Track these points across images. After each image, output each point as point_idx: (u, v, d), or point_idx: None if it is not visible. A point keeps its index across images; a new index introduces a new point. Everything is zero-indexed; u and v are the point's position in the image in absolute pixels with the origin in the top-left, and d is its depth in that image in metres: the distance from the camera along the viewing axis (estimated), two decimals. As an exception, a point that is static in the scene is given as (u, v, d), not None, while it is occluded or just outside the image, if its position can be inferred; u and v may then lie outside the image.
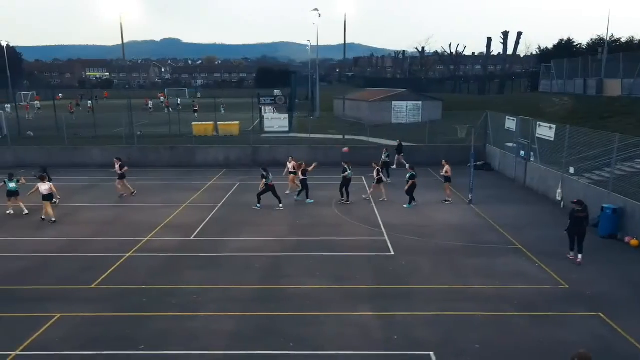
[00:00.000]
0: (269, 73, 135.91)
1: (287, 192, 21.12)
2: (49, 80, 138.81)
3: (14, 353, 9.16)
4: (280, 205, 19.11)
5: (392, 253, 14.22)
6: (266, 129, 29.40)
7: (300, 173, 20.23)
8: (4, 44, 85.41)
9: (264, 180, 18.97)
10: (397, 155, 27.37)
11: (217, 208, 19.36)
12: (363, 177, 24.65)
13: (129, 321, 10.34)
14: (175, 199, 20.81)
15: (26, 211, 18.55)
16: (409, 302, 11.07)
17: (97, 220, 17.87)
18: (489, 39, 61.73)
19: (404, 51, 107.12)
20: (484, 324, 9.96)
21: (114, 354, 9.16)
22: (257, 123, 39.92)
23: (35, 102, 60.45)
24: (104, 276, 12.71)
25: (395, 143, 28.25)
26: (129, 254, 14.33)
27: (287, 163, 21.82)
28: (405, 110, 44.54)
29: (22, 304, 11.18)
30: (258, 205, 19.13)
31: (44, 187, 17.79)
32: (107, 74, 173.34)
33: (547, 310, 10.54)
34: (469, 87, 64.18)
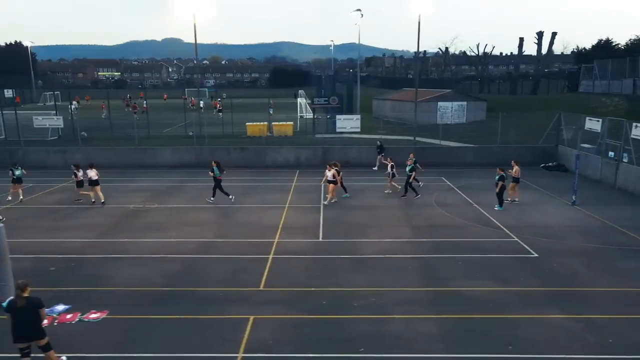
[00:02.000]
0: (283, 73, 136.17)
1: (326, 202, 20.08)
2: (61, 80, 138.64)
3: (239, 355, 9.19)
4: (212, 199, 20.16)
5: (535, 255, 14.25)
6: (338, 130, 29.43)
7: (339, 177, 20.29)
8: (29, 44, 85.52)
9: (211, 173, 19.98)
10: (378, 157, 27.16)
11: (322, 209, 19.37)
12: (444, 178, 24.90)
13: (327, 323, 10.36)
14: (272, 200, 20.84)
15: (22, 197, 20.54)
16: (595, 304, 11.11)
17: (210, 222, 17.90)
18: (521, 39, 61.96)
19: (425, 51, 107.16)
20: (692, 327, 10.01)
21: (337, 357, 9.19)
22: (305, 124, 40.06)
23: (74, 103, 60.24)
24: (264, 278, 12.73)
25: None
26: (271, 255, 14.35)
27: (326, 171, 20.16)
28: (450, 111, 44.59)
29: (207, 305, 11.19)
30: (231, 197, 20.22)
31: (92, 173, 19.85)
32: (118, 73, 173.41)
33: None
34: (499, 87, 64.24)
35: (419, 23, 28.03)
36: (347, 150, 28.56)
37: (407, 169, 21.18)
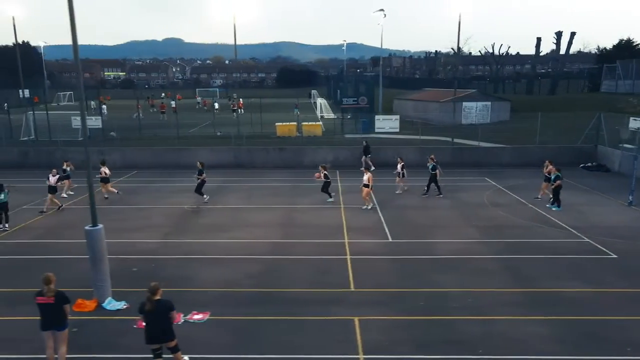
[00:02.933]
0: (290, 73, 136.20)
1: (364, 207, 19.34)
2: (68, 80, 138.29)
3: (360, 356, 9.17)
4: (206, 197, 20.30)
5: (614, 256, 14.20)
6: (377, 130, 29.48)
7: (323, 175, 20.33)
8: (41, 44, 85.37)
9: (202, 174, 20.10)
10: (363, 157, 27.04)
11: (378, 209, 19.33)
12: (487, 178, 24.88)
13: (434, 324, 10.33)
14: (325, 201, 20.81)
15: (71, 192, 21.69)
16: (696, 305, 11.09)
17: (271, 222, 17.83)
18: (538, 39, 61.83)
19: (436, 51, 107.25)
20: None
21: (458, 358, 9.16)
22: (334, 124, 40.03)
23: (93, 102, 60.16)
24: (351, 279, 12.71)
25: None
26: (349, 256, 14.33)
27: (364, 174, 19.45)
28: (475, 111, 44.56)
29: (306, 306, 11.16)
30: (205, 197, 20.42)
31: (107, 171, 20.90)
32: (123, 73, 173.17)
33: None
34: (515, 87, 64.22)
35: (459, 23, 28.21)
36: (385, 150, 28.52)
37: (429, 167, 21.19)
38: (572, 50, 61.08)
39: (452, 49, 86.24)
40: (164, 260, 14.18)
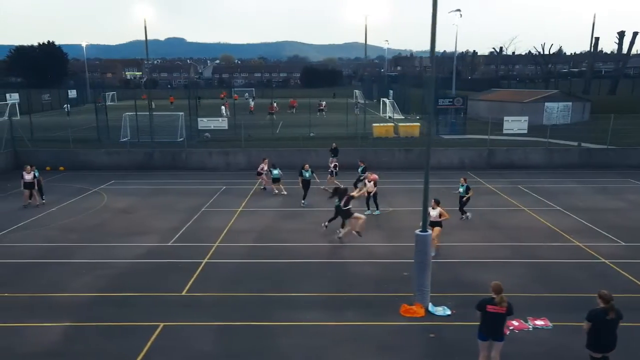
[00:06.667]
0: (315, 73, 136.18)
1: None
2: (91, 79, 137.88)
3: None
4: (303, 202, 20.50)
5: None
6: (505, 131, 29.48)
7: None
8: (84, 44, 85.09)
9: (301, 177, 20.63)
10: (330, 159, 26.51)
11: (563, 210, 19.28)
12: (631, 179, 24.77)
13: None
14: (497, 203, 20.78)
15: (284, 192, 22.21)
16: None
17: (478, 226, 17.72)
18: (596, 39, 61.84)
19: (474, 51, 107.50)
20: None
21: None
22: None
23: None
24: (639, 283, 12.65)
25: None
26: (604, 260, 14.25)
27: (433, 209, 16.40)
28: (556, 112, 44.52)
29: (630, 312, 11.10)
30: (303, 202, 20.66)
31: (264, 166, 22.78)
32: (139, 73, 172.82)
33: None
34: (571, 87, 64.22)
35: (593, 24, 27.99)
36: (513, 152, 28.47)
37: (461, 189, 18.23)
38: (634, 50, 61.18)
39: (494, 48, 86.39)
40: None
